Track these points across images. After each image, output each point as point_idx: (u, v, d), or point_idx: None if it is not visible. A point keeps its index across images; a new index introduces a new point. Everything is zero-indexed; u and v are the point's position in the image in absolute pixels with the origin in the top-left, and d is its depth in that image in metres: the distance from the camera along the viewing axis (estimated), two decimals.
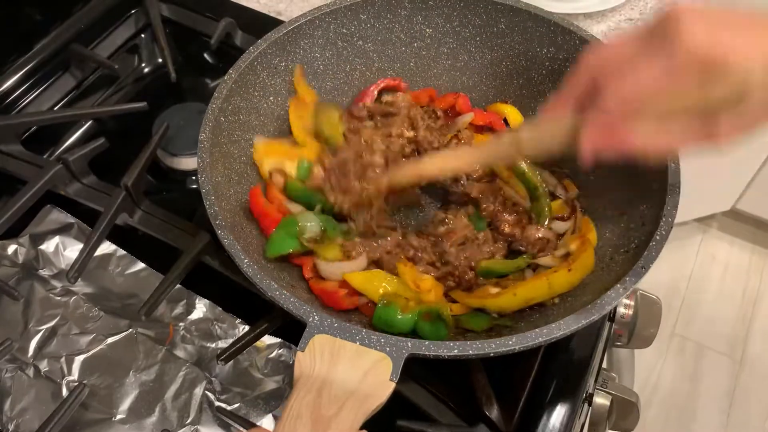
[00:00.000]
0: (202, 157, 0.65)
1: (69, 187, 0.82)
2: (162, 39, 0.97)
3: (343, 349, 0.53)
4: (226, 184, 0.68)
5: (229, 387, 0.71)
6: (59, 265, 0.78)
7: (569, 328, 0.53)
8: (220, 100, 0.69)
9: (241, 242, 0.62)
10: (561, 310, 0.63)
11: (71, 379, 0.70)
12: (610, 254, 0.66)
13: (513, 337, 0.53)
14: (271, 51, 0.75)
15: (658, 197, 0.63)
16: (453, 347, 0.52)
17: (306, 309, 0.55)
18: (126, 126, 0.95)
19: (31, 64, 0.94)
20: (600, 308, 0.54)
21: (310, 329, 0.54)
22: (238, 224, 0.66)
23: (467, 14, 0.79)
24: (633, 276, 0.56)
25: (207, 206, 0.62)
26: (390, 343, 0.52)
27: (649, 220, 0.63)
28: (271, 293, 0.56)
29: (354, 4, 0.77)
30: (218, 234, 0.60)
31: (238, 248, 0.59)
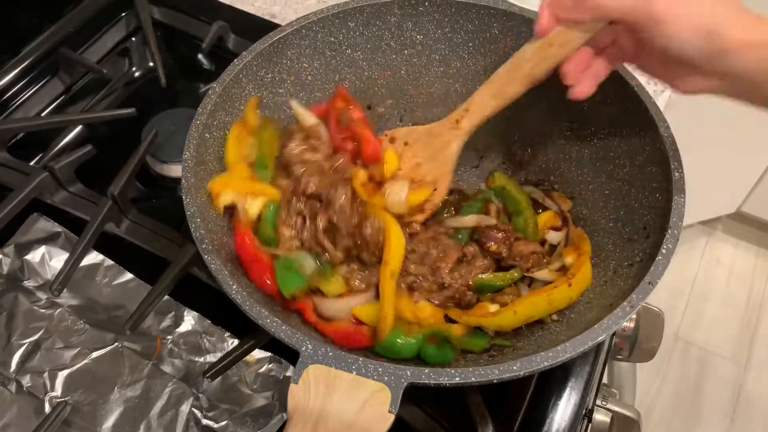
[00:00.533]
0: (186, 177, 0.62)
1: (55, 196, 0.81)
2: (153, 43, 0.95)
3: (339, 379, 0.50)
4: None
5: (217, 403, 0.69)
6: (45, 276, 0.77)
7: (576, 350, 0.51)
8: (205, 116, 0.66)
9: (230, 265, 0.60)
10: (563, 328, 0.61)
11: (54, 395, 0.68)
12: (613, 267, 0.64)
13: (517, 362, 0.50)
14: (257, 63, 0.72)
15: (662, 207, 0.60)
16: (454, 375, 0.50)
17: (299, 337, 0.53)
18: (116, 131, 0.93)
19: (19, 69, 0.93)
20: (607, 328, 0.52)
21: (304, 359, 0.51)
22: (226, 245, 0.63)
23: (459, 20, 0.77)
24: (640, 293, 0.54)
25: (192, 229, 0.59)
26: (388, 372, 0.50)
27: (654, 230, 0.61)
28: (262, 321, 0.54)
29: (342, 11, 0.74)
30: (204, 259, 0.58)
31: (226, 273, 0.56)
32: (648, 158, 0.65)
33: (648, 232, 0.62)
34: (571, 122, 0.75)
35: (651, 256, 0.57)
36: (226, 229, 0.66)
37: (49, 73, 0.95)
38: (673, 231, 0.57)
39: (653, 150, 0.64)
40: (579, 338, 0.52)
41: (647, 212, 0.64)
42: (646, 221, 0.63)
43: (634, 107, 0.67)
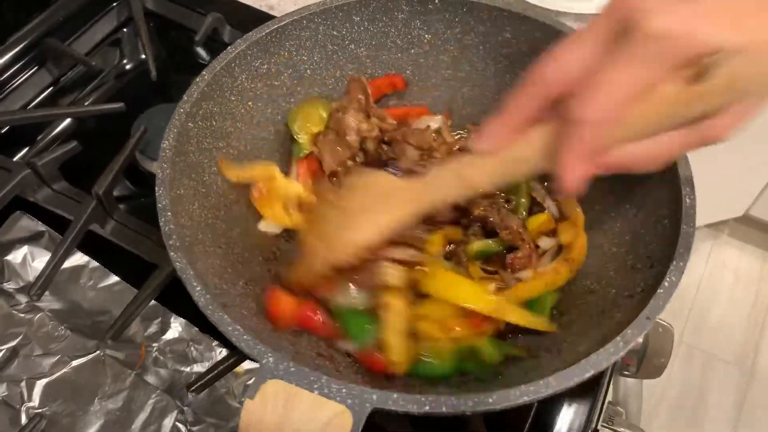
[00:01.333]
0: (163, 167, 0.59)
1: (38, 193, 0.77)
2: (144, 34, 0.91)
3: (299, 397, 0.47)
4: (191, 198, 0.62)
5: (203, 417, 0.66)
6: (26, 278, 0.73)
7: (559, 386, 0.47)
8: (189, 104, 0.63)
9: (200, 264, 0.56)
10: (553, 358, 0.57)
11: (31, 405, 0.65)
12: (613, 297, 0.59)
13: (494, 394, 0.46)
14: (252, 52, 0.68)
15: (670, 236, 0.56)
16: (424, 403, 0.46)
17: (260, 349, 0.49)
18: (104, 126, 0.90)
19: (4, 59, 0.88)
20: (596, 364, 0.48)
21: (263, 373, 0.48)
22: (200, 242, 0.60)
23: (470, 21, 0.73)
24: (636, 328, 0.50)
25: (161, 223, 0.56)
26: (353, 395, 0.46)
27: (659, 260, 0.56)
28: (223, 328, 0.51)
29: (346, 4, 0.71)
30: (171, 256, 0.54)
31: (191, 274, 0.53)
32: (659, 182, 0.61)
33: (652, 262, 0.57)
34: None
35: (652, 288, 0.53)
36: (203, 224, 0.62)
37: (36, 65, 0.91)
38: (678, 263, 0.53)
39: (664, 174, 0.59)
40: (564, 373, 0.47)
41: (653, 240, 0.59)
42: (651, 250, 0.59)
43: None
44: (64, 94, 0.93)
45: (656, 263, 0.56)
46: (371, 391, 0.46)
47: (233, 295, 0.58)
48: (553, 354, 0.58)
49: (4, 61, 0.88)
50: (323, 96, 0.76)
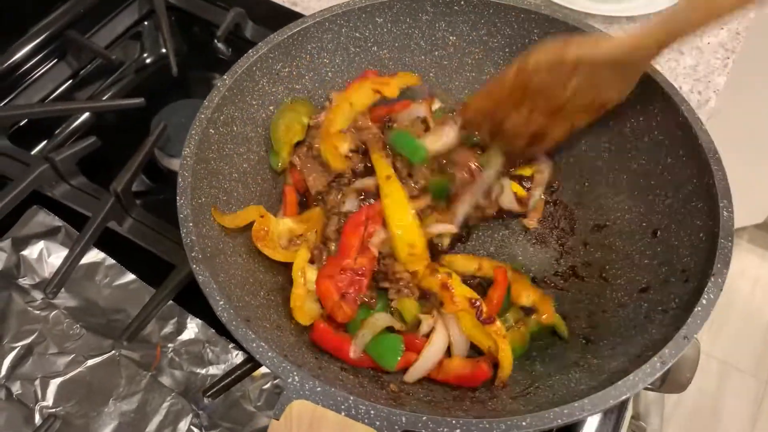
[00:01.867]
0: (184, 176, 0.57)
1: (56, 189, 0.76)
2: (165, 28, 0.90)
3: (325, 419, 0.46)
4: (211, 206, 0.60)
5: (218, 422, 0.65)
6: (42, 274, 0.72)
7: (595, 409, 0.46)
8: (210, 110, 0.61)
9: (222, 275, 0.55)
10: (584, 375, 0.55)
11: (45, 405, 0.65)
12: (645, 311, 0.58)
13: (527, 417, 0.45)
14: (273, 55, 0.67)
15: (706, 250, 0.54)
16: (455, 426, 0.45)
17: (285, 367, 0.48)
18: (124, 120, 0.89)
19: (24, 50, 0.88)
20: (632, 386, 0.47)
21: (288, 393, 0.47)
22: (221, 252, 0.59)
23: (497, 22, 0.71)
24: (674, 348, 0.48)
25: (183, 235, 0.55)
26: (381, 417, 0.46)
27: (694, 275, 0.55)
28: (247, 345, 0.50)
29: (370, 5, 0.69)
30: (193, 269, 0.53)
31: (214, 287, 0.52)
32: (694, 192, 0.59)
33: (687, 276, 0.56)
34: (609, 143, 0.69)
35: (688, 305, 0.51)
36: (223, 234, 0.61)
37: (57, 57, 0.90)
38: (717, 279, 0.51)
39: (700, 184, 0.58)
40: (599, 395, 0.47)
41: (688, 253, 0.57)
42: (685, 263, 0.57)
43: (683, 133, 0.61)
44: (83, 87, 0.92)
45: (691, 278, 0.55)
46: (400, 413, 0.45)
47: (255, 307, 0.57)
48: (582, 369, 0.56)
49: (24, 52, 0.88)
50: None
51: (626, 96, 0.63)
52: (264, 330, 0.54)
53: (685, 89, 0.88)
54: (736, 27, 0.95)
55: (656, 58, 0.59)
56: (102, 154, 0.79)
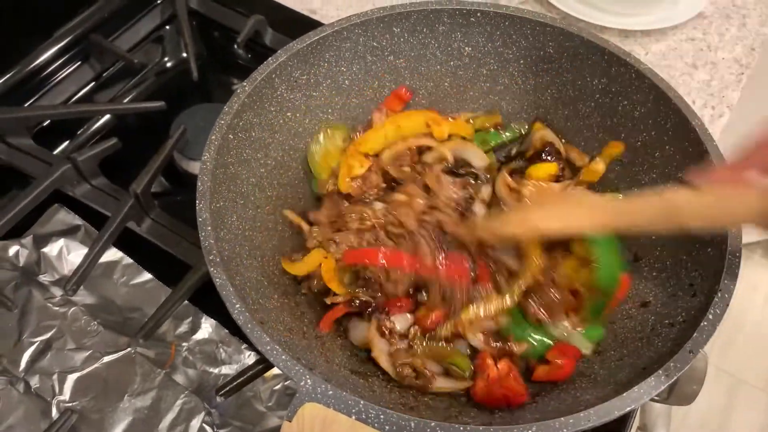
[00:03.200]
0: (203, 180, 0.59)
1: (77, 188, 0.78)
2: (186, 32, 0.92)
3: (336, 423, 0.47)
4: (229, 210, 0.62)
5: (229, 420, 0.66)
6: (61, 271, 0.74)
7: (600, 420, 0.47)
8: (230, 116, 0.63)
9: (238, 279, 0.56)
10: (589, 385, 0.56)
11: (62, 399, 0.66)
12: (652, 324, 0.58)
13: (533, 425, 0.46)
14: (292, 63, 0.68)
15: (714, 265, 0.55)
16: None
17: (298, 370, 0.49)
18: (144, 123, 0.91)
19: (49, 53, 0.90)
20: (637, 398, 0.48)
21: (301, 395, 0.48)
22: (237, 255, 0.60)
23: (512, 34, 0.72)
24: (679, 362, 0.49)
25: (201, 238, 0.56)
26: (390, 421, 0.46)
27: (701, 290, 0.55)
28: (262, 347, 0.51)
29: (387, 16, 0.70)
30: (210, 272, 0.54)
31: (231, 290, 0.53)
32: None
33: (695, 290, 0.56)
34: (621, 157, 0.70)
35: (695, 320, 0.52)
36: (240, 237, 0.63)
37: (80, 59, 0.92)
38: (724, 295, 0.52)
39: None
40: (605, 407, 0.47)
41: (696, 268, 0.58)
42: (693, 278, 0.58)
43: (694, 149, 0.61)
44: (105, 90, 0.94)
45: (699, 292, 0.55)
46: (409, 418, 0.46)
47: (269, 309, 0.58)
48: (589, 380, 0.57)
49: (48, 55, 0.90)
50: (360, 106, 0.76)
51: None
52: (277, 333, 0.55)
53: (699, 104, 0.89)
54: (751, 42, 0.96)
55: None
56: (122, 156, 0.81)
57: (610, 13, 0.96)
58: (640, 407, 0.79)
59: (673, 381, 0.49)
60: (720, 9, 1.01)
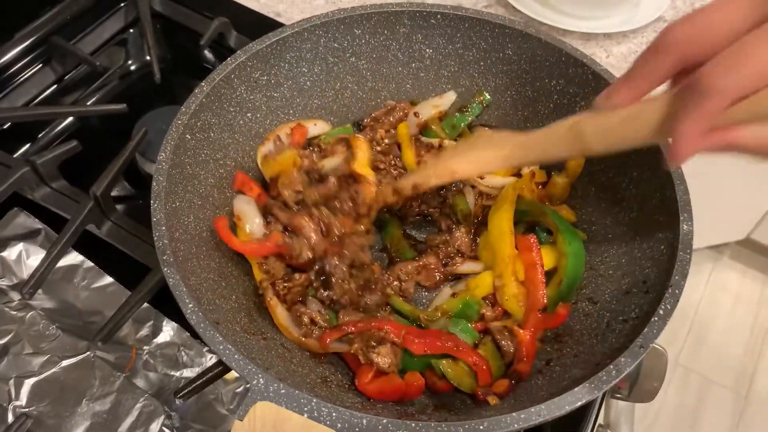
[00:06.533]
0: (158, 181, 0.58)
1: (36, 191, 0.77)
2: (149, 35, 0.91)
3: (288, 421, 0.47)
4: (186, 210, 0.62)
5: (190, 423, 0.65)
6: (20, 275, 0.73)
7: (550, 415, 0.47)
8: (187, 116, 0.63)
9: (193, 279, 0.56)
10: (545, 382, 0.57)
11: (18, 404, 0.65)
12: (607, 320, 0.59)
13: (485, 421, 0.46)
14: (252, 63, 0.68)
15: (666, 262, 0.56)
16: (414, 428, 0.46)
17: (250, 369, 0.49)
18: (106, 126, 0.90)
19: (9, 55, 0.89)
20: (588, 392, 0.48)
21: (253, 394, 0.48)
22: (194, 256, 0.60)
23: (472, 36, 0.73)
24: (629, 357, 0.50)
25: (155, 238, 0.56)
26: (342, 419, 0.47)
27: (654, 286, 0.56)
28: (214, 347, 0.51)
29: (348, 17, 0.71)
30: (163, 271, 0.54)
31: (184, 290, 0.53)
32: (657, 205, 0.61)
33: (647, 287, 0.57)
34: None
35: (647, 315, 0.53)
36: (197, 238, 0.62)
37: (42, 62, 0.91)
38: (674, 290, 0.53)
39: (663, 198, 0.60)
40: (555, 401, 0.48)
41: (649, 264, 0.59)
42: (646, 275, 0.59)
43: (648, 150, 0.62)
44: (67, 93, 0.93)
45: (651, 289, 0.56)
46: (361, 416, 0.47)
47: (226, 310, 0.58)
48: (544, 376, 0.58)
49: (9, 56, 0.89)
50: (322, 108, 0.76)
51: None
52: (233, 333, 0.55)
53: None
54: None
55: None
56: (84, 159, 0.80)
57: (572, 16, 0.98)
58: (603, 405, 0.80)
59: (624, 376, 0.49)
60: (680, 13, 1.03)
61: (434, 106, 0.76)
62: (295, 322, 0.64)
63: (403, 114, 0.75)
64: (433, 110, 0.76)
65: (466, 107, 0.76)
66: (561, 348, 0.61)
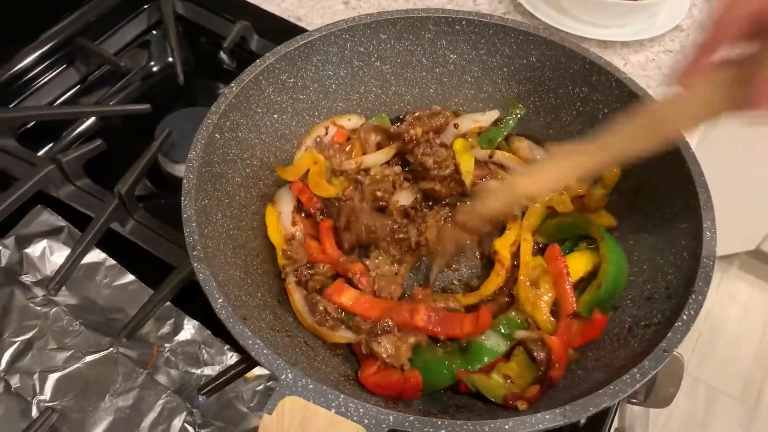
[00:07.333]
0: (189, 178, 0.59)
1: (61, 189, 0.78)
2: (173, 37, 0.93)
3: (316, 416, 0.47)
4: (214, 208, 0.63)
5: (211, 420, 0.66)
6: (44, 272, 0.74)
7: (575, 416, 0.48)
8: (217, 116, 0.63)
9: (221, 275, 0.57)
10: (566, 384, 0.57)
11: (42, 398, 0.66)
12: (628, 325, 0.60)
13: (509, 421, 0.47)
14: (280, 66, 0.69)
15: (689, 269, 0.56)
16: (440, 426, 0.47)
17: (279, 364, 0.50)
18: (129, 126, 0.91)
19: (35, 55, 0.90)
20: (612, 396, 0.49)
21: (281, 389, 0.49)
22: (221, 253, 0.60)
23: (496, 43, 0.74)
24: (653, 361, 0.50)
25: (186, 234, 0.57)
26: (369, 415, 0.47)
27: (677, 292, 0.57)
28: (244, 341, 0.51)
29: (375, 22, 0.72)
30: (194, 267, 0.55)
31: (214, 285, 0.54)
32: (679, 213, 0.61)
33: (670, 293, 0.58)
34: None
35: (669, 321, 0.53)
36: (224, 235, 0.63)
37: (65, 62, 0.92)
38: (698, 297, 0.53)
39: (686, 205, 0.60)
40: (580, 403, 0.48)
41: (672, 271, 0.59)
42: (669, 281, 0.59)
43: (670, 155, 0.63)
44: (90, 93, 0.94)
45: (674, 295, 0.57)
46: (388, 412, 0.47)
47: (251, 307, 0.59)
48: (566, 380, 0.58)
49: (35, 57, 0.90)
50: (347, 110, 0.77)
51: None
52: (260, 329, 0.55)
53: None
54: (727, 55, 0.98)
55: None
56: (107, 158, 0.81)
57: (590, 24, 0.98)
58: (618, 410, 0.80)
59: (647, 380, 0.50)
60: (697, 22, 1.03)
61: (475, 120, 0.77)
62: (311, 309, 0.65)
63: (445, 121, 0.76)
64: (473, 124, 0.76)
65: (501, 120, 0.77)
66: (583, 352, 0.61)
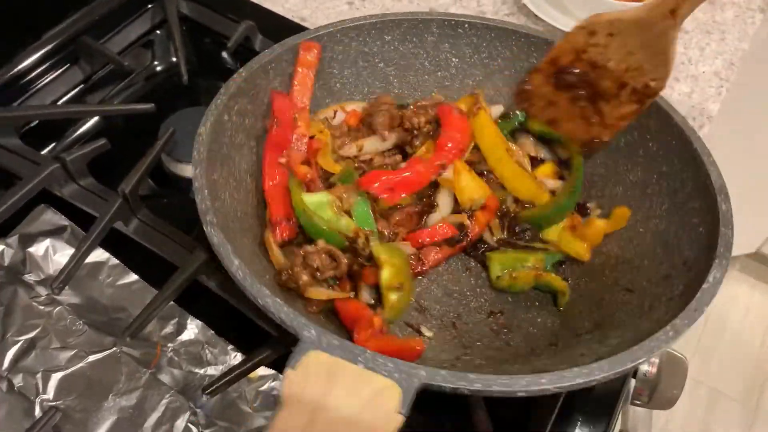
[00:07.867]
0: (199, 150, 0.59)
1: (64, 188, 0.78)
2: (177, 37, 0.93)
3: (343, 370, 0.45)
4: (222, 186, 0.62)
5: (215, 420, 0.66)
6: (47, 271, 0.74)
7: (612, 370, 0.47)
8: (226, 97, 0.64)
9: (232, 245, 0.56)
10: (598, 344, 0.57)
11: (45, 398, 0.66)
12: (649, 303, 0.60)
13: (546, 375, 0.46)
14: (287, 58, 0.70)
15: (706, 240, 0.57)
16: (475, 380, 0.45)
17: (301, 321, 0.48)
18: (133, 125, 0.91)
19: (39, 54, 0.90)
20: (648, 351, 0.48)
21: (305, 344, 0.46)
22: (231, 230, 0.60)
23: (497, 46, 0.74)
24: (686, 319, 0.50)
25: (198, 201, 0.56)
26: (400, 369, 0.45)
27: (696, 264, 0.57)
28: (263, 300, 0.50)
29: (379, 22, 0.72)
30: (206, 231, 0.54)
31: (229, 248, 0.53)
32: (690, 194, 0.62)
33: (689, 266, 0.58)
34: (605, 160, 0.72)
35: (693, 288, 0.53)
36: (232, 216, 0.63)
37: (69, 61, 0.92)
38: (722, 260, 0.54)
39: (697, 185, 0.61)
40: (617, 358, 0.47)
41: (688, 247, 0.60)
42: (686, 257, 0.60)
43: (677, 143, 0.64)
44: (93, 92, 0.94)
45: (693, 267, 0.57)
46: (419, 367, 0.45)
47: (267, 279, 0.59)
48: (595, 338, 0.58)
49: (38, 56, 0.90)
50: None
51: (664, 83, 0.65)
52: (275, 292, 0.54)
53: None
54: (731, 57, 0.98)
55: (676, 31, 0.62)
56: (110, 158, 0.81)
57: None
58: (621, 412, 0.80)
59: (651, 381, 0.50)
60: (700, 25, 1.03)
61: None
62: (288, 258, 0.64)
63: None
64: None
65: (508, 114, 0.77)
66: (609, 318, 0.61)
